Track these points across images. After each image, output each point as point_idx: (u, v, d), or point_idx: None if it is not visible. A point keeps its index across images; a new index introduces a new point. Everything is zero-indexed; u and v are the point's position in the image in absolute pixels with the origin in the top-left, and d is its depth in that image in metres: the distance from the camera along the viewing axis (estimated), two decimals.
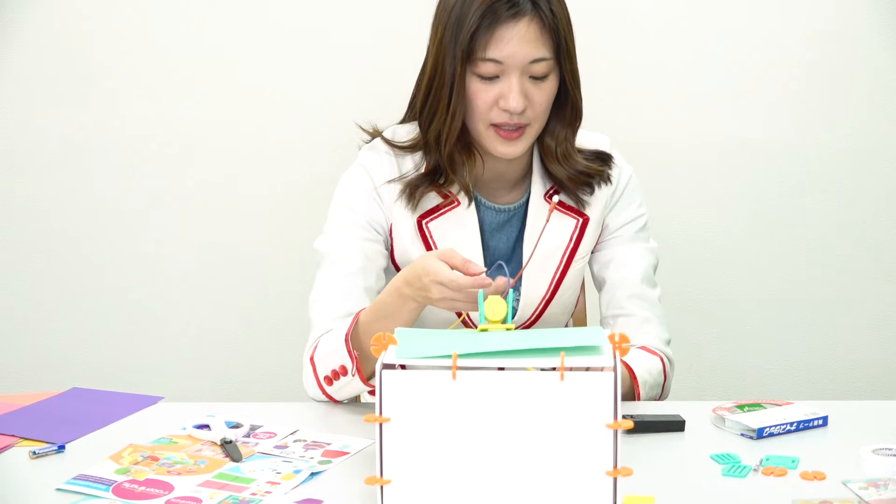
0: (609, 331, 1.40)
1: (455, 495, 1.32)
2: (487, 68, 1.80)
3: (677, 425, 1.66)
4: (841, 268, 2.90)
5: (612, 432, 1.30)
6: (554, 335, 1.45)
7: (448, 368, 1.31)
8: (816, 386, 2.93)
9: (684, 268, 2.90)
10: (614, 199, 1.97)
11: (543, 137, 1.90)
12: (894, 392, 2.88)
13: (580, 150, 1.93)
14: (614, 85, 2.83)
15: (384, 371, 1.32)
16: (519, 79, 1.80)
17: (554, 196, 1.91)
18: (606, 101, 2.81)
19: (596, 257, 2.00)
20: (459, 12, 1.80)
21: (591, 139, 1.98)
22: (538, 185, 1.93)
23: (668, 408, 1.84)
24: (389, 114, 1.99)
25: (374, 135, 1.96)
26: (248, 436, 1.67)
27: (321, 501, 1.44)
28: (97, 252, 2.92)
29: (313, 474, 1.53)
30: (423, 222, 1.90)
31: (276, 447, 1.62)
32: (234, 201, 2.89)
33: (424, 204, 1.91)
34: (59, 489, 1.49)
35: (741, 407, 1.70)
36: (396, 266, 1.94)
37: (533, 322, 1.96)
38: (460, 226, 1.91)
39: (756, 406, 1.71)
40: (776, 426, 1.64)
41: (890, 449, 1.52)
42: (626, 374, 1.82)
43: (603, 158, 1.96)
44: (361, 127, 1.98)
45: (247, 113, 2.86)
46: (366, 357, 1.72)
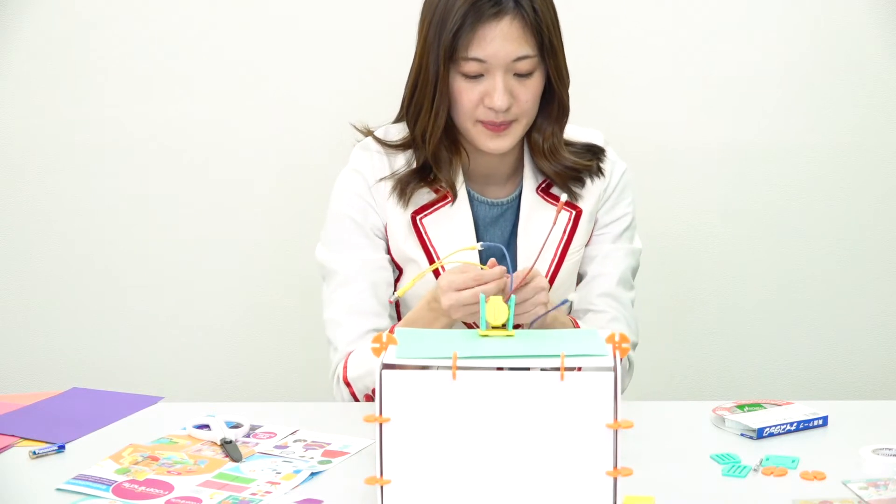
0: (607, 332, 1.40)
1: (455, 495, 1.32)
2: (471, 67, 1.80)
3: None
4: (841, 268, 2.90)
5: (612, 432, 1.30)
6: (553, 339, 1.45)
7: (448, 368, 1.31)
8: (816, 386, 2.93)
9: (684, 268, 2.90)
10: (606, 195, 1.96)
11: (531, 133, 1.90)
12: (894, 392, 2.88)
13: (570, 144, 1.93)
14: (615, 85, 2.83)
15: (384, 371, 1.32)
16: (503, 77, 1.80)
17: (558, 192, 1.91)
18: (608, 102, 2.80)
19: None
20: (443, 10, 1.80)
21: (585, 134, 1.98)
22: (530, 180, 1.93)
23: (668, 407, 1.84)
24: (386, 112, 1.99)
25: (367, 134, 1.96)
26: (248, 436, 1.67)
27: (321, 501, 1.44)
28: (97, 252, 2.92)
29: (313, 474, 1.53)
30: (418, 218, 1.91)
31: (276, 447, 1.62)
32: (234, 201, 2.89)
33: (417, 200, 1.91)
34: (59, 489, 1.49)
35: (741, 407, 1.70)
36: (397, 265, 1.94)
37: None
38: (454, 221, 1.91)
39: (756, 406, 1.71)
40: (776, 426, 1.64)
41: (890, 449, 1.52)
42: (570, 324, 1.86)
43: (594, 152, 1.95)
44: (355, 127, 1.98)
45: (246, 113, 2.86)
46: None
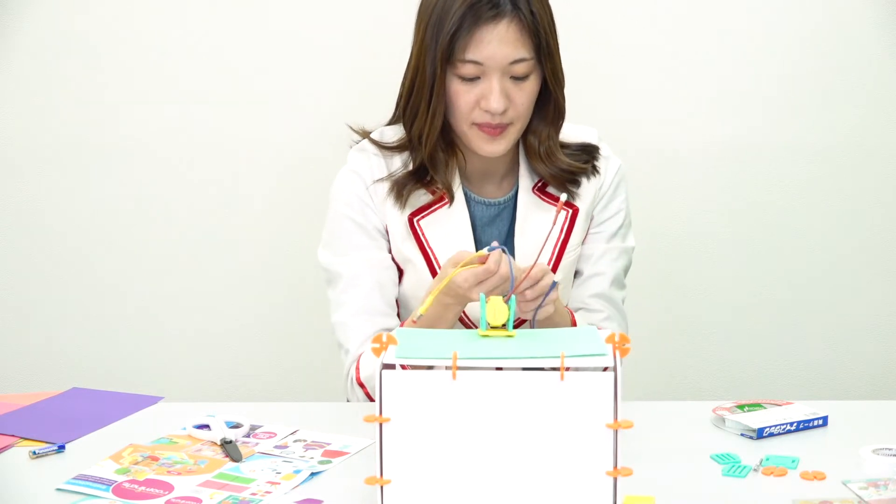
0: (606, 332, 1.40)
1: (455, 495, 1.32)
2: (468, 70, 1.80)
3: None
4: (841, 268, 2.90)
5: (612, 432, 1.30)
6: (553, 339, 1.45)
7: (448, 368, 1.31)
8: (816, 386, 2.93)
9: (684, 268, 2.90)
10: (601, 193, 1.96)
11: (526, 136, 1.90)
12: (894, 392, 2.88)
13: (566, 145, 1.93)
14: (614, 85, 2.83)
15: (384, 371, 1.32)
16: (500, 80, 1.80)
17: (553, 191, 1.91)
18: (607, 102, 2.80)
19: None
20: (440, 12, 1.80)
21: (579, 132, 1.97)
22: (525, 179, 1.93)
23: (668, 407, 1.84)
24: (383, 113, 1.98)
25: (363, 136, 1.96)
26: (248, 436, 1.67)
27: (321, 501, 1.44)
28: (97, 252, 2.92)
29: (313, 474, 1.53)
30: (415, 220, 1.90)
31: (276, 447, 1.62)
32: (235, 202, 2.89)
33: (414, 202, 1.91)
34: (59, 489, 1.49)
35: (741, 407, 1.70)
36: (397, 265, 1.94)
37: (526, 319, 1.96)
38: (452, 222, 1.91)
39: (756, 406, 1.71)
40: (776, 426, 1.64)
41: (890, 449, 1.52)
42: (568, 316, 1.86)
43: (589, 151, 1.95)
44: (351, 128, 1.98)
45: (247, 114, 2.86)
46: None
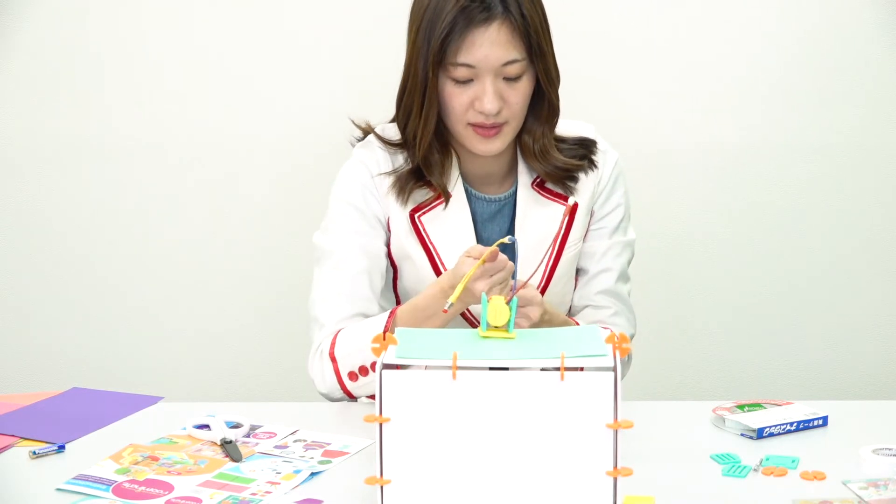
0: (607, 331, 1.40)
1: (455, 495, 1.32)
2: (460, 72, 1.80)
3: None
4: (841, 268, 2.90)
5: (612, 432, 1.30)
6: (554, 340, 1.45)
7: (448, 368, 1.31)
8: (816, 386, 2.93)
9: (684, 268, 2.90)
10: (600, 187, 1.96)
11: (521, 135, 1.90)
12: (894, 392, 2.88)
13: (563, 140, 1.93)
14: (614, 85, 2.82)
15: (384, 371, 1.32)
16: (492, 81, 1.80)
17: (552, 187, 1.92)
18: (607, 102, 2.80)
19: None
20: (432, 16, 1.80)
21: (574, 127, 1.97)
22: (524, 176, 1.93)
23: (668, 407, 1.84)
24: (384, 111, 1.98)
25: (367, 131, 1.96)
26: (248, 436, 1.66)
27: (321, 501, 1.44)
28: (97, 252, 2.92)
29: (313, 474, 1.53)
30: (416, 216, 1.91)
31: (276, 447, 1.62)
32: (235, 202, 2.89)
33: (416, 198, 1.91)
34: (59, 489, 1.49)
35: (741, 407, 1.70)
36: (393, 262, 1.94)
37: None
38: (453, 218, 1.91)
39: (756, 406, 1.71)
40: (776, 426, 1.64)
41: (890, 449, 1.52)
42: (560, 316, 1.87)
43: (585, 146, 1.95)
44: (354, 122, 1.98)
45: (247, 114, 2.85)
46: None
